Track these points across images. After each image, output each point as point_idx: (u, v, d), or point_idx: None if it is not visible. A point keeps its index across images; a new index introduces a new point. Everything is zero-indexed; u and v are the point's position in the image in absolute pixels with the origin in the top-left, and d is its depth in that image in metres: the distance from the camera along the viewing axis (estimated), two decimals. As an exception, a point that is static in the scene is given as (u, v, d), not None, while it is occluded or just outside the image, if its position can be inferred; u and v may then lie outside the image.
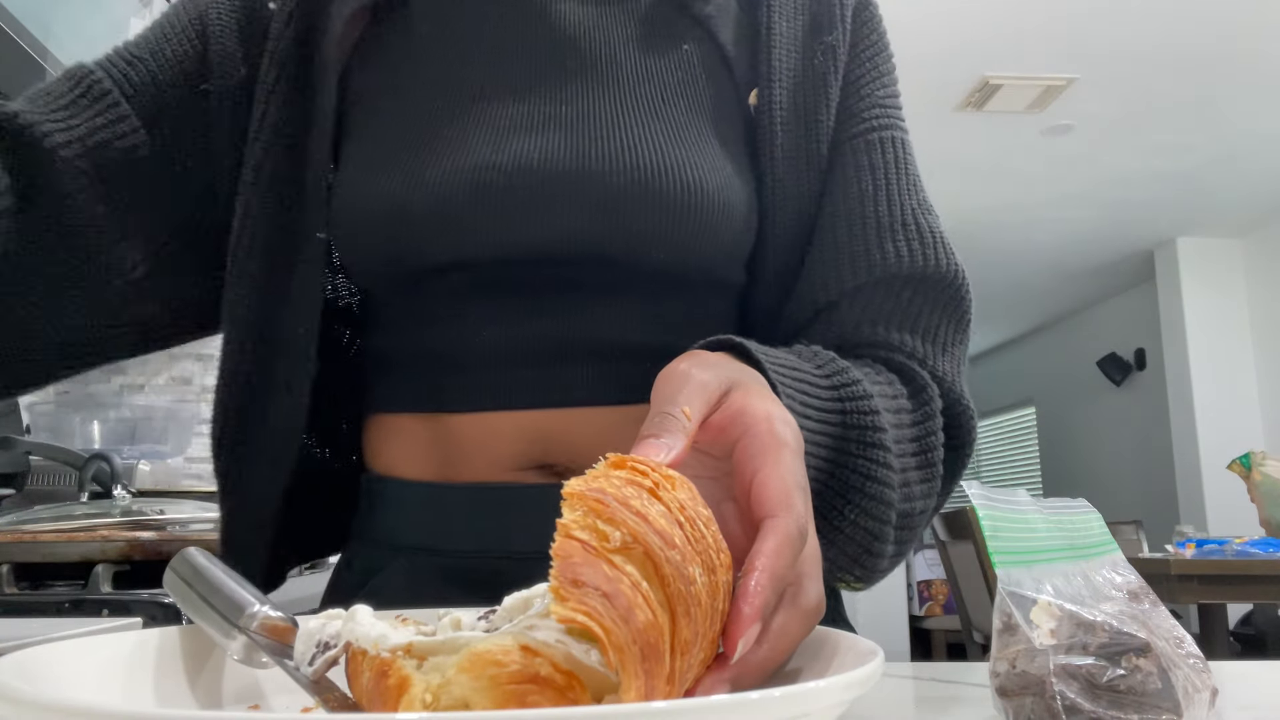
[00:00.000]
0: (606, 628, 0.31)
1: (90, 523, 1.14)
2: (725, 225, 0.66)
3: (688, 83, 0.70)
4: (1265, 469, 3.22)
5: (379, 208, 0.66)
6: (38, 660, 0.38)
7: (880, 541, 0.60)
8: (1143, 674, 0.44)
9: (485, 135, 0.66)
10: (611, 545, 0.33)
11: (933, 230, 0.70)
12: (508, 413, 0.66)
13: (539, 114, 0.67)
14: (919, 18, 3.60)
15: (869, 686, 0.34)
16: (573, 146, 0.65)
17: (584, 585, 0.31)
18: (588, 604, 0.31)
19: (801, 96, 0.71)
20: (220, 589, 0.43)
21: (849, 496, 0.59)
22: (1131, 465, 6.78)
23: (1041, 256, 6.29)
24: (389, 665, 0.33)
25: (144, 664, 0.43)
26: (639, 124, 0.66)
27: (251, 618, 0.42)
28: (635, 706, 0.28)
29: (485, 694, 0.30)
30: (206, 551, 0.45)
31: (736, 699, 0.29)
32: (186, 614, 0.44)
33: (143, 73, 0.70)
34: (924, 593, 6.64)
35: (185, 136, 0.71)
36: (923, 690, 0.64)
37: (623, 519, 0.33)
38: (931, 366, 0.68)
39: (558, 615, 0.31)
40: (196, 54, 0.72)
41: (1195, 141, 4.68)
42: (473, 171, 0.64)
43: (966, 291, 0.70)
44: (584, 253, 0.64)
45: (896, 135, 0.72)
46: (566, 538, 0.33)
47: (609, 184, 0.64)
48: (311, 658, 0.38)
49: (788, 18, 0.72)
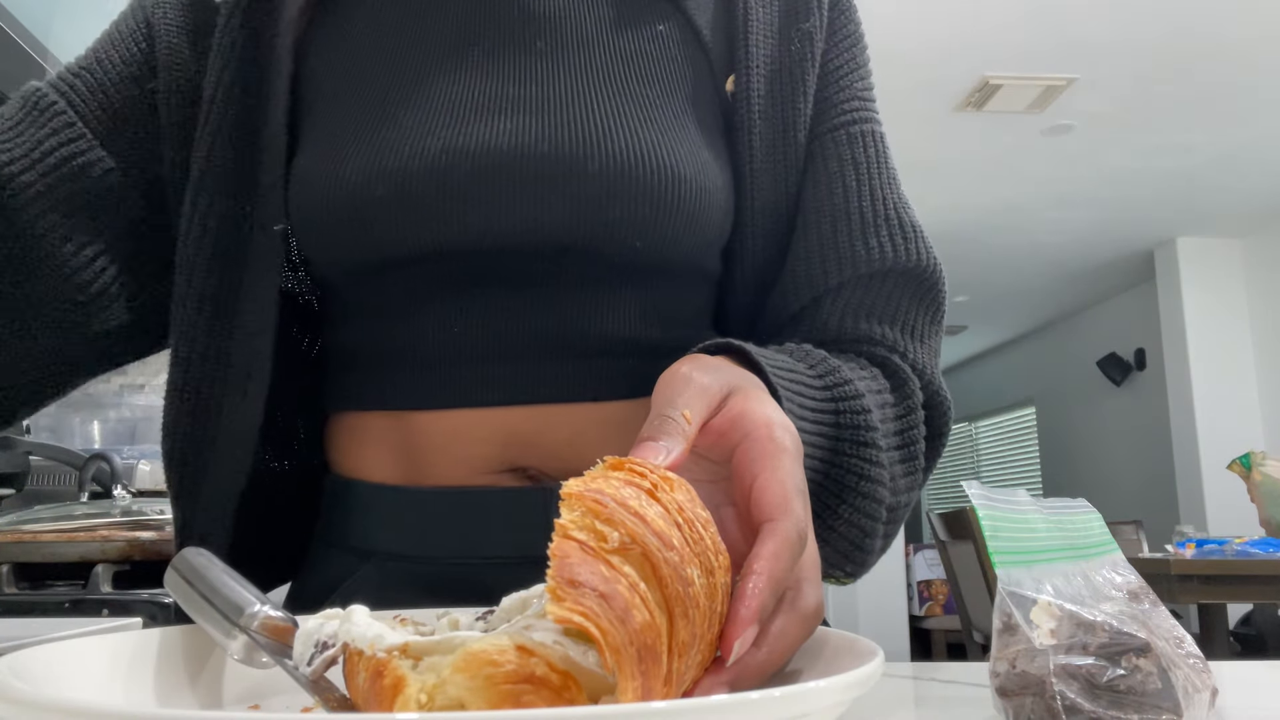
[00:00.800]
0: (603, 628, 0.30)
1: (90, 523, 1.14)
2: (704, 213, 0.65)
3: (663, 66, 0.68)
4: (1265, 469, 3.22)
5: (337, 195, 0.63)
6: (38, 660, 0.38)
7: (871, 537, 0.61)
8: (1143, 674, 0.44)
9: (447, 117, 0.63)
10: (609, 546, 0.33)
11: (913, 225, 0.70)
12: (477, 410, 0.63)
13: (506, 95, 0.64)
14: (919, 18, 3.60)
15: (869, 686, 0.34)
16: (544, 130, 0.63)
17: (581, 586, 0.31)
18: (584, 604, 0.31)
19: (779, 84, 0.70)
20: (220, 589, 0.43)
21: (843, 496, 0.59)
22: (1131, 465, 6.78)
23: (1041, 256, 6.29)
24: (384, 665, 0.33)
25: (144, 664, 0.43)
26: (614, 107, 0.64)
27: (252, 617, 0.41)
28: (634, 706, 0.28)
29: (480, 694, 0.30)
30: (207, 551, 0.45)
31: (736, 699, 0.29)
32: (188, 613, 0.44)
33: (89, 82, 0.69)
34: (924, 593, 6.65)
35: (134, 138, 0.69)
36: (923, 690, 0.64)
37: (621, 519, 0.33)
38: (912, 359, 0.68)
39: (554, 615, 0.30)
40: (143, 55, 0.71)
41: (1195, 141, 4.68)
42: (435, 155, 0.62)
43: (943, 285, 0.71)
44: (557, 242, 0.62)
45: (876, 129, 0.72)
46: (564, 538, 0.32)
47: (583, 169, 0.62)
48: (310, 658, 0.38)
49: (764, 4, 0.71)
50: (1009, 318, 7.78)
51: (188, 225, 0.67)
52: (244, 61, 0.68)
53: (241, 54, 0.68)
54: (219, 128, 0.67)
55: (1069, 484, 7.51)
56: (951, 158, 4.83)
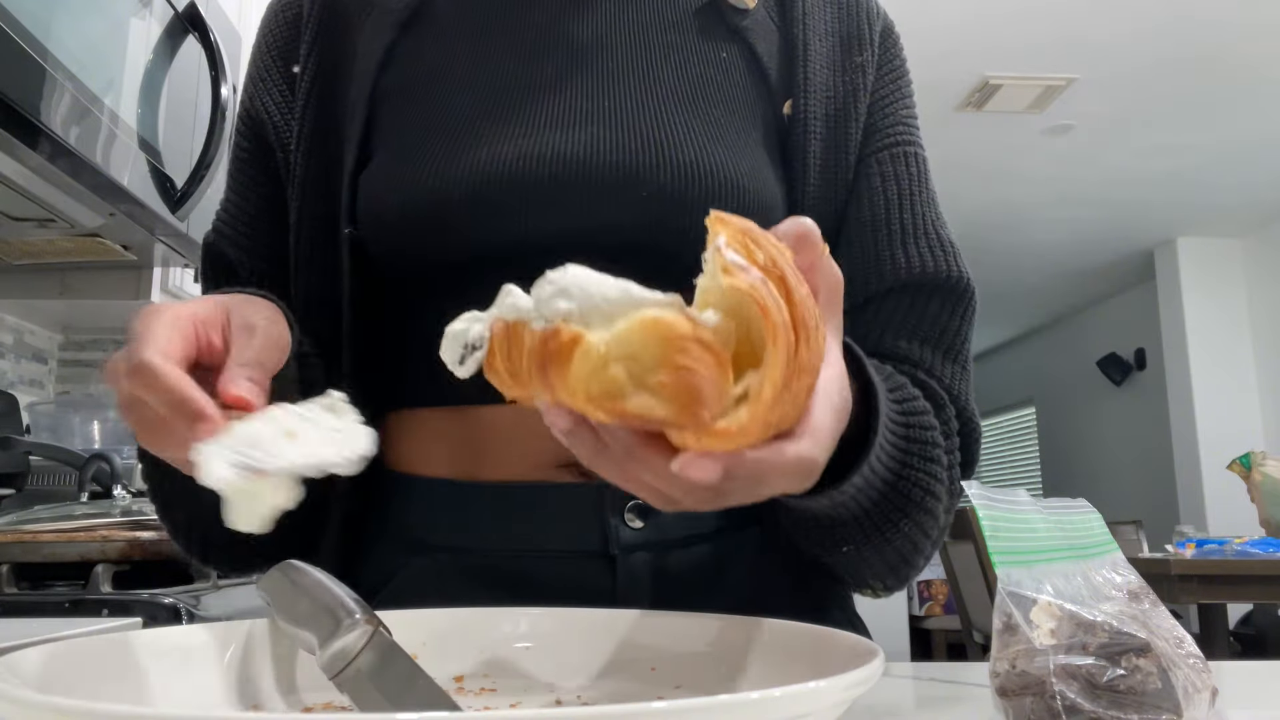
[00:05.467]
0: (767, 306, 0.34)
1: (90, 523, 1.14)
2: (764, 226, 0.67)
3: (727, 88, 0.71)
4: (1265, 469, 3.22)
5: (410, 198, 0.66)
6: (38, 660, 0.38)
7: (920, 554, 0.63)
8: (1143, 674, 0.44)
9: (522, 128, 0.67)
10: (757, 262, 0.36)
11: (951, 241, 0.73)
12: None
13: (578, 109, 0.68)
14: (919, 18, 3.60)
15: (869, 686, 0.34)
16: (617, 140, 0.66)
17: (746, 269, 0.35)
18: (752, 279, 0.34)
19: (833, 110, 0.73)
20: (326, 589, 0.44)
21: (907, 510, 0.60)
22: (1131, 465, 6.77)
23: (1041, 256, 6.29)
24: (557, 329, 0.34)
25: (145, 664, 0.43)
26: (682, 122, 0.68)
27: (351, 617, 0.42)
28: (635, 707, 0.28)
29: (654, 349, 0.33)
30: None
31: (737, 699, 0.29)
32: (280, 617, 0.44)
33: (244, 228, 0.75)
34: (924, 593, 6.64)
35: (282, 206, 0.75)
36: (923, 690, 0.64)
37: (766, 245, 0.37)
38: (948, 385, 0.69)
39: (729, 284, 0.34)
40: (261, 151, 0.76)
41: (1195, 141, 4.67)
42: (512, 161, 0.65)
43: (975, 302, 0.73)
44: (624, 245, 0.64)
45: (919, 152, 0.75)
46: (719, 249, 0.36)
47: (654, 178, 0.65)
48: (460, 358, 0.40)
49: (820, 36, 0.75)
50: (1009, 318, 7.77)
51: (295, 238, 0.72)
52: (324, 79, 0.73)
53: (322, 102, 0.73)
54: (306, 145, 0.72)
55: (1069, 484, 7.51)
56: (951, 158, 4.83)
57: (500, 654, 0.52)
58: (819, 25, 0.75)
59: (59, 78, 1.23)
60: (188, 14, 1.63)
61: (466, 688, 0.51)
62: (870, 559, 0.63)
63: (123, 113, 1.42)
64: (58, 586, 1.11)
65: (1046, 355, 7.96)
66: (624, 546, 0.65)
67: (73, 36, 1.26)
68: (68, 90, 1.25)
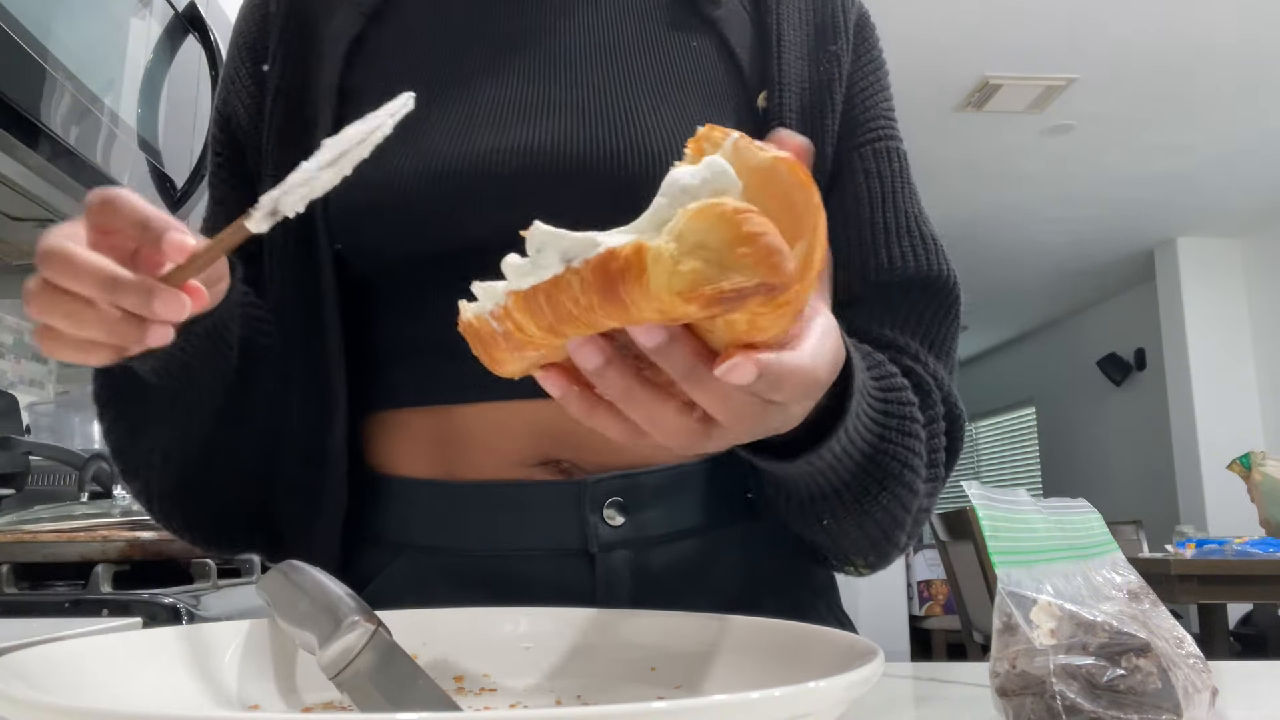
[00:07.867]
0: (808, 178, 0.35)
1: (90, 523, 1.14)
2: None
3: (699, 78, 0.70)
4: (1265, 469, 3.22)
5: (379, 195, 0.65)
6: (38, 660, 0.38)
7: (900, 529, 0.63)
8: (1143, 674, 0.44)
9: (491, 118, 0.66)
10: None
11: (934, 237, 0.72)
12: (513, 403, 0.65)
13: (549, 98, 0.67)
14: (919, 17, 3.60)
15: (869, 686, 0.34)
16: (585, 130, 0.65)
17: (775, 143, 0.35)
18: (790, 157, 0.35)
19: (808, 101, 0.72)
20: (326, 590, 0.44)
21: (885, 483, 0.61)
22: (1131, 465, 6.77)
23: (1041, 256, 6.29)
24: (610, 250, 0.34)
25: (145, 664, 0.43)
26: (652, 110, 0.67)
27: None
28: (635, 707, 0.28)
29: (720, 230, 0.33)
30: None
31: (736, 699, 0.29)
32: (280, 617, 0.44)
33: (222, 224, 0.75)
34: (924, 593, 6.64)
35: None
36: (923, 690, 0.64)
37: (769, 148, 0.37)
38: (932, 371, 0.69)
39: (770, 159, 0.35)
40: (235, 153, 0.75)
41: (1195, 141, 4.67)
42: (480, 154, 0.64)
43: (960, 297, 0.72)
44: None
45: (899, 146, 0.74)
46: (739, 138, 0.36)
47: (623, 169, 0.64)
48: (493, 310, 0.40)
49: (794, 26, 0.74)
50: (1009, 318, 7.77)
51: (268, 239, 0.71)
52: (290, 98, 0.72)
53: (290, 95, 0.72)
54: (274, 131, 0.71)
55: (1069, 484, 7.50)
56: (951, 158, 4.82)
57: (500, 654, 0.52)
58: (793, 15, 0.74)
59: (59, 78, 1.23)
60: (188, 14, 1.63)
61: (466, 688, 0.51)
62: (851, 532, 0.63)
63: (123, 113, 1.42)
64: (58, 586, 1.10)
65: (1046, 355, 7.96)
66: (603, 544, 0.65)
67: (73, 36, 1.26)
68: (68, 90, 1.25)
